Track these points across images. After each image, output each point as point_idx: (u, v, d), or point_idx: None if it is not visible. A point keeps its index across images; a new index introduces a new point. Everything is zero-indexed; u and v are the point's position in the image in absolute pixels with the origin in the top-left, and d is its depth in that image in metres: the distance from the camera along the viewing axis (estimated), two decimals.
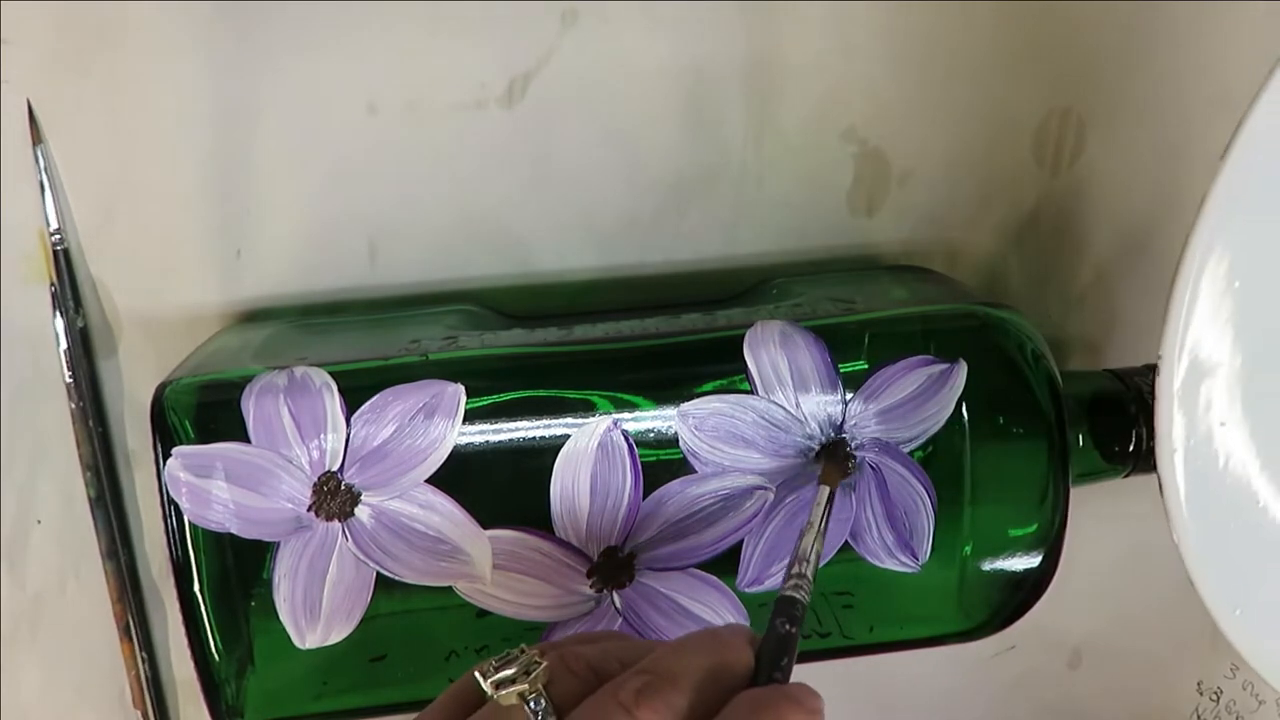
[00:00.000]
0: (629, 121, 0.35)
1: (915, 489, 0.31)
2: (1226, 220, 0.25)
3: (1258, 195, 0.25)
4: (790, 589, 0.25)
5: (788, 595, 0.25)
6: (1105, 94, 0.36)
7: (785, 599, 0.25)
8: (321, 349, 0.30)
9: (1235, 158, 0.25)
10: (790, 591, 0.25)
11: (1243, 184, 0.25)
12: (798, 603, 0.25)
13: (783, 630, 0.24)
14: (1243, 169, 0.25)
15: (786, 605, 0.25)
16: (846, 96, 0.35)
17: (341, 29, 0.32)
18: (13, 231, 0.33)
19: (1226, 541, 0.28)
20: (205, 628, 0.29)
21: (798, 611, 0.25)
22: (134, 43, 0.32)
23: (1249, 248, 0.26)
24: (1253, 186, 0.25)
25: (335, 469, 0.29)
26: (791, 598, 0.25)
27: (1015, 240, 0.37)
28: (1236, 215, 0.25)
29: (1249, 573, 0.28)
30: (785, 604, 0.25)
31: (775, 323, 0.30)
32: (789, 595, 0.25)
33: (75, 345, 0.34)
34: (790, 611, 0.24)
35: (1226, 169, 0.25)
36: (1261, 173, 0.25)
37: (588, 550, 0.30)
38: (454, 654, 0.31)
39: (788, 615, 0.24)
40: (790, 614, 0.24)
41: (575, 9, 0.33)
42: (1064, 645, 0.42)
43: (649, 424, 0.30)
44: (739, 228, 0.36)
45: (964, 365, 0.30)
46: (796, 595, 0.25)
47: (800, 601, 0.25)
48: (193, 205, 0.34)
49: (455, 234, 0.35)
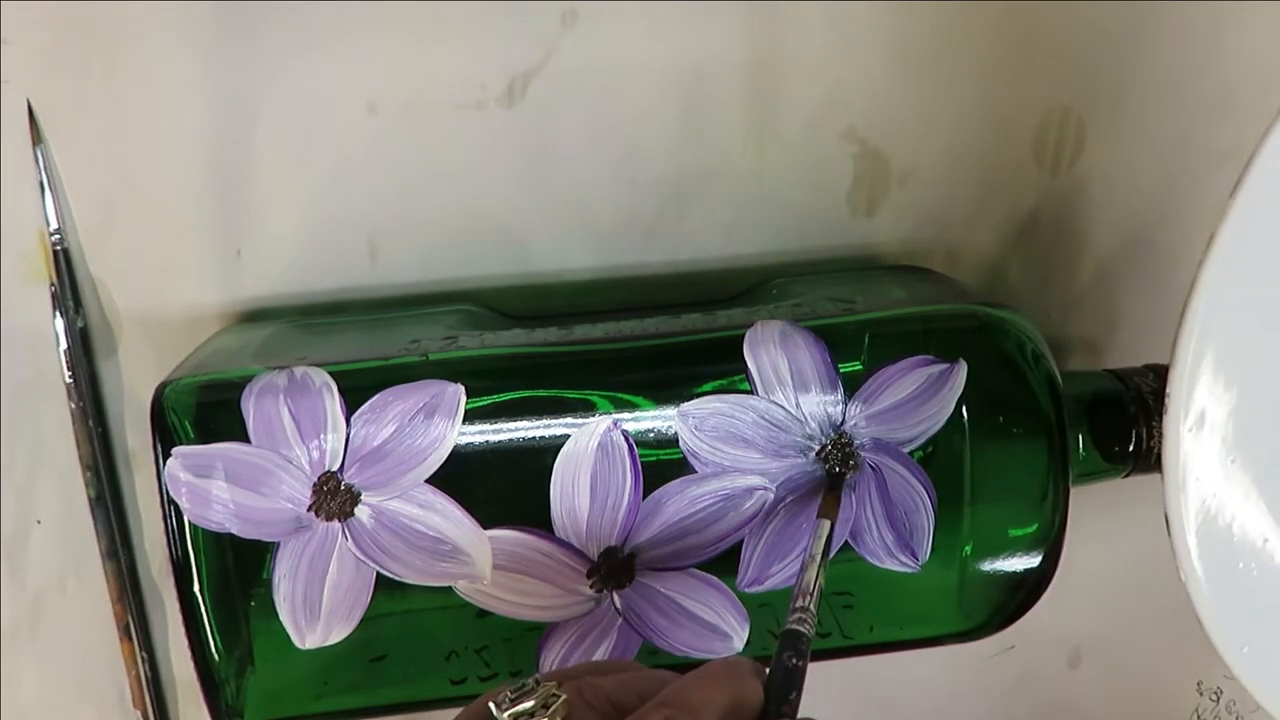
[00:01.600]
0: (629, 121, 0.35)
1: (915, 489, 0.31)
2: (1236, 260, 0.25)
3: (1270, 230, 0.25)
4: (795, 623, 0.25)
5: (793, 629, 0.25)
6: (1105, 94, 0.36)
7: (791, 633, 0.25)
8: (321, 349, 0.30)
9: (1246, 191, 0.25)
10: (795, 625, 0.25)
11: (1255, 217, 0.25)
12: (803, 636, 0.25)
13: (790, 664, 0.24)
14: (1255, 199, 0.25)
15: (793, 639, 0.25)
16: (846, 96, 0.35)
17: (341, 29, 0.32)
18: (13, 231, 0.33)
19: (1234, 580, 0.28)
20: (205, 628, 0.29)
21: (804, 645, 0.25)
22: (134, 43, 0.32)
23: (1259, 286, 0.26)
24: (1264, 223, 0.25)
25: (335, 469, 0.29)
26: (797, 631, 0.25)
27: (1015, 240, 0.37)
28: (1247, 254, 0.25)
29: (1256, 610, 0.28)
30: (791, 638, 0.25)
31: (775, 323, 0.30)
32: (794, 629, 0.25)
33: (75, 345, 0.34)
34: (796, 645, 0.25)
35: (1237, 204, 0.25)
36: (1271, 214, 0.25)
37: (588, 550, 0.30)
38: (454, 654, 0.31)
39: (794, 649, 0.24)
40: (797, 648, 0.24)
41: (575, 9, 0.33)
42: (1064, 645, 0.42)
43: (649, 424, 0.30)
44: (739, 228, 0.36)
45: (964, 365, 0.30)
46: (802, 629, 0.25)
47: (805, 635, 0.25)
48: (193, 205, 0.34)
49: (455, 234, 0.35)
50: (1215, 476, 0.27)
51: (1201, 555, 0.27)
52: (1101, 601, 0.41)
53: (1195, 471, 0.27)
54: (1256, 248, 0.25)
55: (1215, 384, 0.26)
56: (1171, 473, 0.27)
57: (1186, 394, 0.26)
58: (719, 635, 0.31)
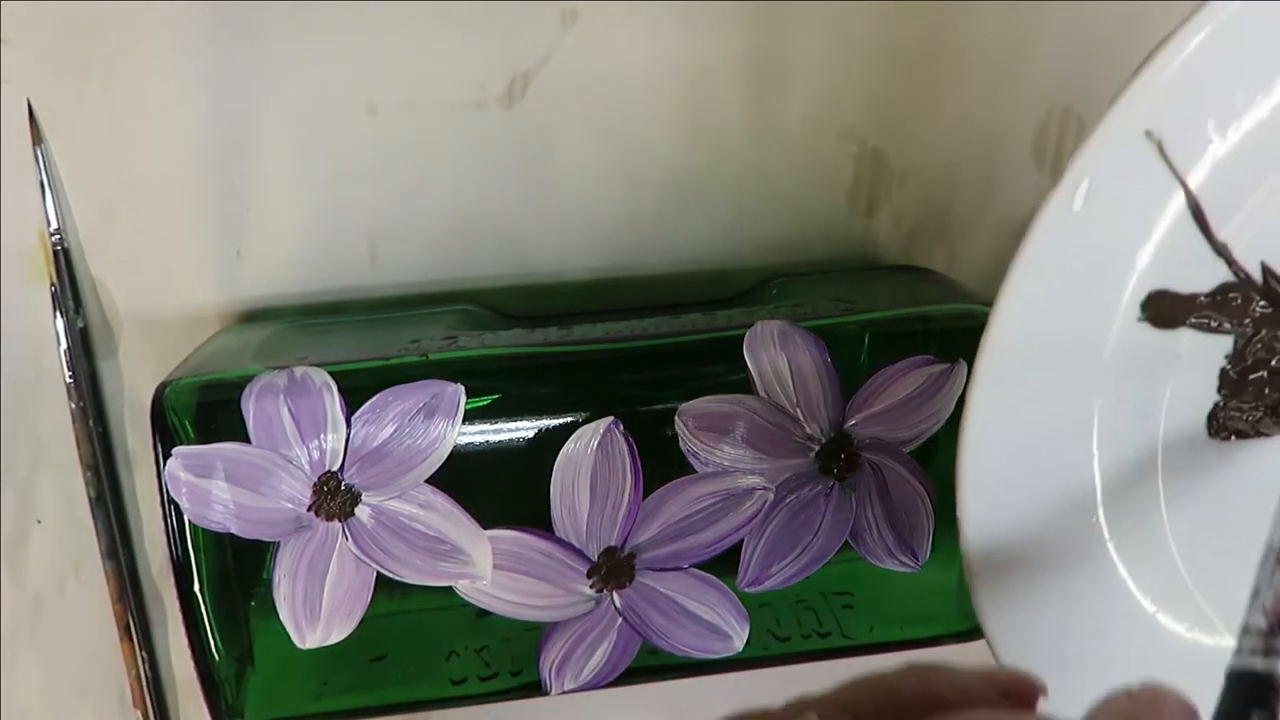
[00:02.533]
0: (629, 121, 0.35)
1: (915, 489, 0.31)
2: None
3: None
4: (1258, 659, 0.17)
5: (1255, 671, 0.17)
6: (1105, 94, 0.36)
7: (1255, 676, 0.17)
8: (321, 349, 0.30)
9: None
10: (1255, 663, 0.17)
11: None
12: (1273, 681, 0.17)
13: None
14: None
15: (1260, 688, 0.17)
16: (846, 96, 0.35)
17: (341, 29, 0.32)
18: (13, 231, 0.33)
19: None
20: (205, 628, 0.29)
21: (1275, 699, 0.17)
22: (134, 43, 0.32)
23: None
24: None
25: (335, 469, 0.29)
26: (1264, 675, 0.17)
27: (1015, 240, 0.37)
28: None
29: None
30: (1257, 685, 0.17)
31: (775, 323, 0.30)
32: (1256, 670, 0.17)
33: (75, 345, 0.34)
34: (1268, 699, 0.17)
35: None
36: None
37: (588, 550, 0.30)
38: (454, 654, 0.31)
39: (1264, 704, 0.17)
40: (1267, 701, 0.17)
41: (575, 9, 0.33)
42: None
43: (649, 424, 0.30)
44: (739, 228, 0.36)
45: (964, 365, 0.30)
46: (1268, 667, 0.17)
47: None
48: (193, 205, 0.34)
49: (455, 234, 0.35)
50: None
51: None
52: None
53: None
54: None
55: None
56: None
57: None
58: (719, 635, 0.31)
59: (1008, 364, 0.26)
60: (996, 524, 0.27)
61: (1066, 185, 0.24)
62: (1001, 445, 0.26)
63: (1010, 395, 0.26)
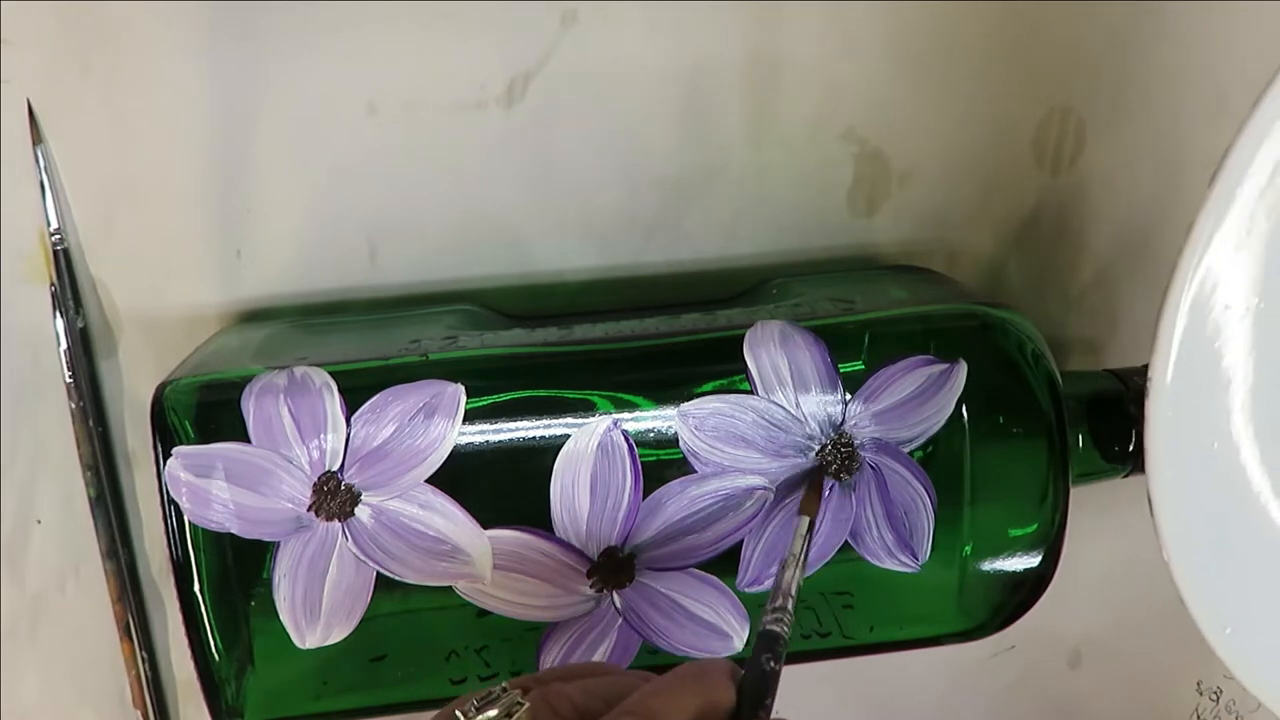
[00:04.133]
0: (629, 121, 0.35)
1: (915, 489, 0.31)
2: (1216, 241, 0.25)
3: (1243, 221, 0.25)
4: (771, 623, 0.25)
5: (770, 630, 0.25)
6: (1105, 94, 0.36)
7: (768, 634, 0.25)
8: (321, 349, 0.30)
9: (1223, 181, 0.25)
10: (772, 626, 0.25)
11: (1230, 210, 0.25)
12: (780, 638, 0.25)
13: (767, 667, 0.24)
14: (1230, 193, 0.25)
15: (769, 640, 0.24)
16: (846, 96, 0.35)
17: (341, 29, 0.32)
18: (13, 231, 0.33)
19: (1217, 561, 0.28)
20: (205, 628, 0.29)
21: (780, 647, 0.24)
22: (134, 43, 0.32)
23: (1237, 270, 0.26)
24: (1239, 214, 0.25)
25: (335, 469, 0.29)
26: (774, 633, 0.25)
27: (1015, 240, 0.38)
28: (1226, 237, 0.25)
29: (1240, 592, 0.28)
30: (768, 639, 0.24)
31: (775, 323, 0.30)
32: (771, 630, 0.25)
33: (75, 345, 0.34)
34: (774, 647, 0.24)
35: (1214, 192, 0.25)
36: (1247, 201, 0.25)
37: (588, 550, 0.30)
38: (454, 654, 0.31)
39: (771, 651, 0.24)
40: (773, 649, 0.24)
41: (575, 9, 0.33)
42: (1064, 645, 0.42)
43: (649, 424, 0.30)
44: (739, 228, 0.36)
45: (964, 365, 0.30)
46: (778, 629, 0.25)
47: (782, 636, 0.25)
48: (193, 205, 0.34)
49: (455, 234, 0.35)
50: (1198, 460, 0.27)
51: (1184, 537, 0.27)
52: (1101, 601, 0.41)
53: (1178, 454, 0.27)
54: (1239, 224, 0.25)
55: (1196, 368, 0.26)
56: (1154, 456, 0.27)
57: (1167, 377, 0.26)
58: (719, 635, 0.31)
59: None
60: None
61: None
62: None
63: None
